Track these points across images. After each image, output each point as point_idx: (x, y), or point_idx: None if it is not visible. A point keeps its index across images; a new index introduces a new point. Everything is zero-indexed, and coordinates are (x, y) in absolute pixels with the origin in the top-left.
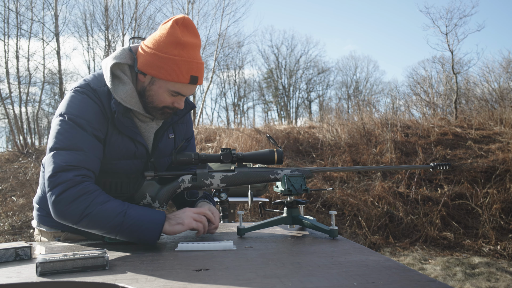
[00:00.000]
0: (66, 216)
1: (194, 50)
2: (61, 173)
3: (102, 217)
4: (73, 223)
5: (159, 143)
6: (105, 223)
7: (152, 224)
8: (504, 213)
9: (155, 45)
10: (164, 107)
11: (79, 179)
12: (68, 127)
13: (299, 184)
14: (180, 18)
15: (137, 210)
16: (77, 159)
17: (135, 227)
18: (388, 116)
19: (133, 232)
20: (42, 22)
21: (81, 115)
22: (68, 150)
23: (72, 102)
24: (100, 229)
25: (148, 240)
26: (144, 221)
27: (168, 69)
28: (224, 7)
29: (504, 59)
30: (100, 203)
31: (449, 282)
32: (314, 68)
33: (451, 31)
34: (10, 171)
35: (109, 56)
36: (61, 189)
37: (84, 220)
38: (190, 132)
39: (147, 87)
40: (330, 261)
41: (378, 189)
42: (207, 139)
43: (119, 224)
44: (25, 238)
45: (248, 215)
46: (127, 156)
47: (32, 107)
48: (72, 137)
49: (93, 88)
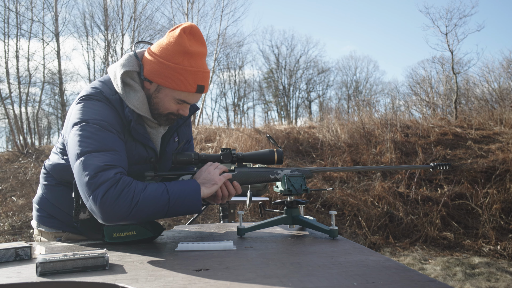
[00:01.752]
0: (115, 213)
1: (201, 59)
2: (102, 173)
3: (150, 202)
4: (125, 217)
5: (166, 147)
6: (154, 206)
7: (193, 193)
8: (504, 213)
9: (162, 53)
10: (169, 113)
11: (118, 176)
12: (95, 130)
13: (299, 184)
14: (187, 27)
15: (175, 185)
16: (113, 158)
17: (180, 200)
18: (388, 116)
19: (180, 205)
20: (42, 22)
21: (104, 119)
22: (101, 151)
23: (90, 108)
24: (152, 213)
25: (194, 209)
26: (185, 192)
27: (175, 78)
28: (223, 7)
29: (504, 59)
30: (141, 190)
31: (449, 282)
32: (314, 68)
33: (451, 31)
34: (10, 171)
35: (117, 64)
36: (105, 188)
37: (134, 210)
38: (190, 133)
39: (153, 95)
40: (330, 261)
41: (378, 189)
42: (207, 139)
43: (167, 203)
44: (25, 238)
45: (248, 215)
46: (139, 161)
47: (32, 107)
48: (102, 139)
49: (106, 97)
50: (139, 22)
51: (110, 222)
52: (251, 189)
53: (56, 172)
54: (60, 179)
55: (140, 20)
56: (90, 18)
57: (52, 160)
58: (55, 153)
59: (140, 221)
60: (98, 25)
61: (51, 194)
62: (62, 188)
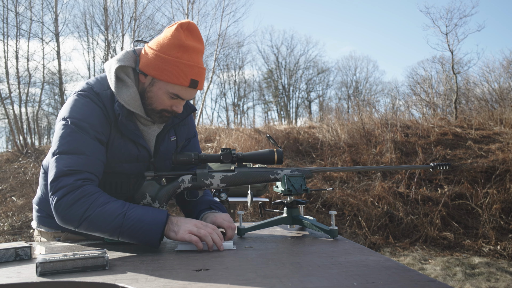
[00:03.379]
0: (67, 220)
1: (196, 54)
2: (62, 178)
3: (102, 220)
4: (74, 226)
5: (161, 146)
6: (105, 225)
7: (153, 225)
8: (504, 213)
9: (158, 46)
10: (162, 110)
11: (79, 183)
12: (70, 131)
13: (299, 184)
14: (185, 23)
15: (137, 211)
16: (79, 163)
17: (136, 228)
18: (388, 116)
19: (133, 234)
20: (41, 22)
21: (83, 118)
22: (70, 154)
23: (75, 105)
24: (101, 232)
25: (150, 241)
26: (144, 221)
27: (168, 70)
28: (224, 7)
29: (505, 59)
30: (99, 205)
31: (449, 282)
32: (314, 68)
33: (451, 31)
34: (10, 171)
35: (113, 59)
36: (62, 194)
37: (84, 223)
38: (192, 133)
39: (147, 88)
40: (330, 261)
41: (378, 189)
42: (207, 139)
43: (119, 226)
44: (25, 238)
45: (248, 215)
46: (130, 159)
47: (32, 107)
48: (74, 141)
49: (96, 92)
50: (139, 22)
51: (64, 225)
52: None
53: None
54: None
55: (140, 20)
56: (90, 18)
57: (48, 160)
58: None
59: (90, 233)
60: (98, 25)
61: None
62: None
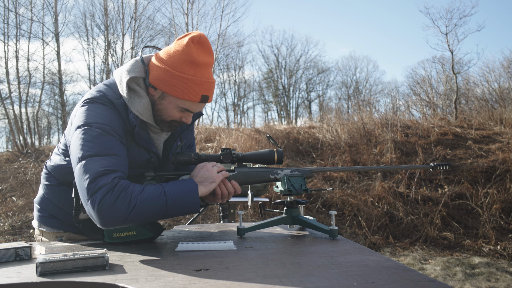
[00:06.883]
0: (113, 217)
1: (207, 69)
2: (100, 178)
3: (148, 204)
4: (123, 221)
5: (169, 152)
6: (152, 208)
7: (191, 193)
8: (504, 213)
9: (169, 61)
10: (172, 121)
11: (116, 181)
12: (97, 134)
13: (299, 184)
14: (196, 36)
15: (172, 186)
16: (113, 163)
17: (178, 201)
18: (388, 116)
19: (178, 206)
20: (41, 22)
21: (106, 123)
22: (102, 155)
23: (94, 112)
24: (150, 216)
25: (192, 209)
26: (182, 192)
27: (180, 87)
28: (223, 7)
29: (505, 59)
30: (138, 193)
31: (449, 282)
32: (314, 68)
33: (451, 31)
34: (10, 171)
35: (122, 69)
36: (103, 193)
37: (131, 214)
38: (192, 138)
39: (157, 101)
40: (330, 261)
41: (378, 189)
42: (207, 139)
43: (164, 204)
44: (25, 238)
45: (248, 215)
46: (141, 165)
47: (32, 107)
48: (103, 143)
49: (110, 100)
50: (139, 22)
51: (108, 226)
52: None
53: (58, 173)
54: (62, 179)
55: (141, 20)
56: (90, 18)
57: (54, 161)
58: (57, 154)
59: (138, 223)
60: (98, 25)
61: (52, 194)
62: (63, 188)
